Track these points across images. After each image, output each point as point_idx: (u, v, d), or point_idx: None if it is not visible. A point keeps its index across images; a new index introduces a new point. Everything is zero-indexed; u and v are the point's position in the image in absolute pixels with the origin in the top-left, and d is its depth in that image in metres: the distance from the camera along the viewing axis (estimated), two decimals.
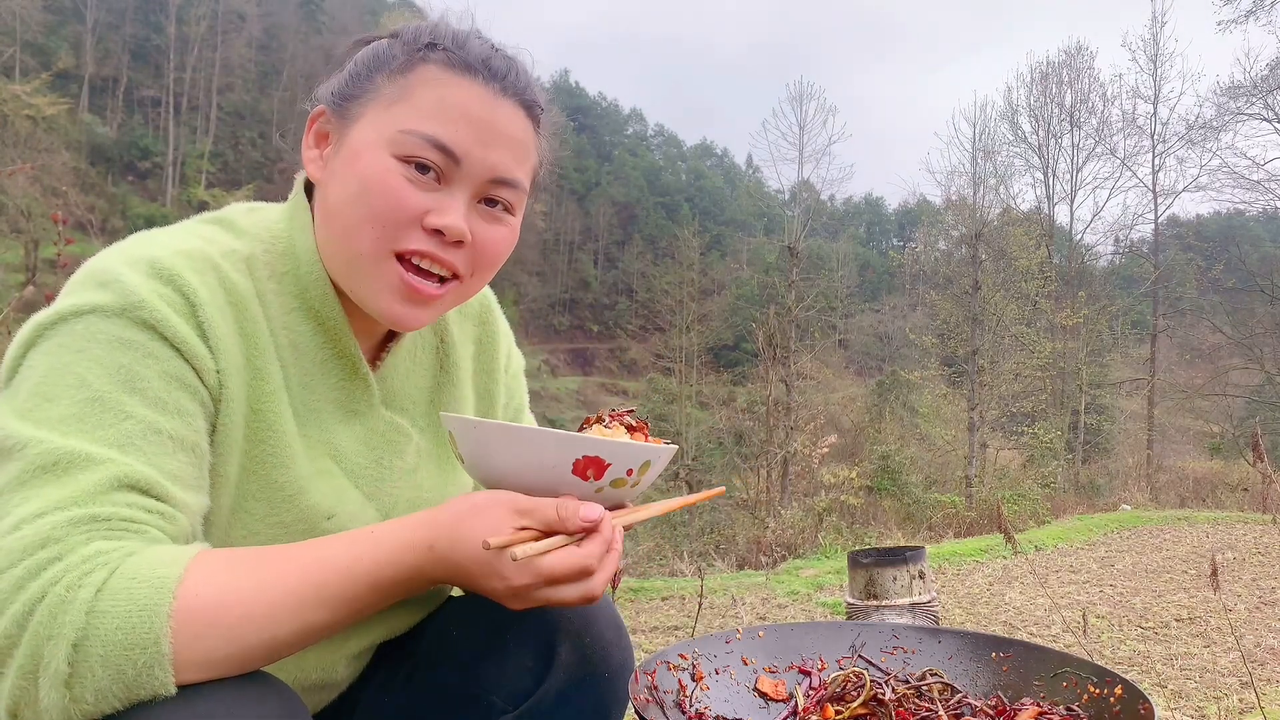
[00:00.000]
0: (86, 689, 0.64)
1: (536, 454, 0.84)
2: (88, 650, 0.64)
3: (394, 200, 0.88)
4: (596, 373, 46.28)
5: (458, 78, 0.91)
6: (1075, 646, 4.48)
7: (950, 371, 23.15)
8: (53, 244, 3.36)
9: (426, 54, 0.91)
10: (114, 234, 9.96)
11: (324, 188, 0.93)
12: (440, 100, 0.89)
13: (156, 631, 0.65)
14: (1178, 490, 17.39)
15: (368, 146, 0.89)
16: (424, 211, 0.89)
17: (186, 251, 0.85)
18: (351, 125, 0.92)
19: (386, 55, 0.93)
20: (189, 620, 0.66)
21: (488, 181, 0.92)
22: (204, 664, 0.68)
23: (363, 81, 0.93)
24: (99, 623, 0.64)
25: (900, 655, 1.09)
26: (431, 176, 0.89)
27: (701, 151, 76.22)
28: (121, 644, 0.64)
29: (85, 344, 0.76)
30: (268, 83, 49.61)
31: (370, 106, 0.91)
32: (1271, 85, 21.04)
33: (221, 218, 0.97)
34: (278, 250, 0.94)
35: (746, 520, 12.63)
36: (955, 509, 14.36)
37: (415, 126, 0.88)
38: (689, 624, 5.46)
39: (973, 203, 23.66)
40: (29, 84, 25.34)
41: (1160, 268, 24.99)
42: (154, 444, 0.76)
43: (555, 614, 1.05)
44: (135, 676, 0.65)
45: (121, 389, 0.76)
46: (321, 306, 0.94)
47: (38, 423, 0.73)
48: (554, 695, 1.01)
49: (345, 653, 1.03)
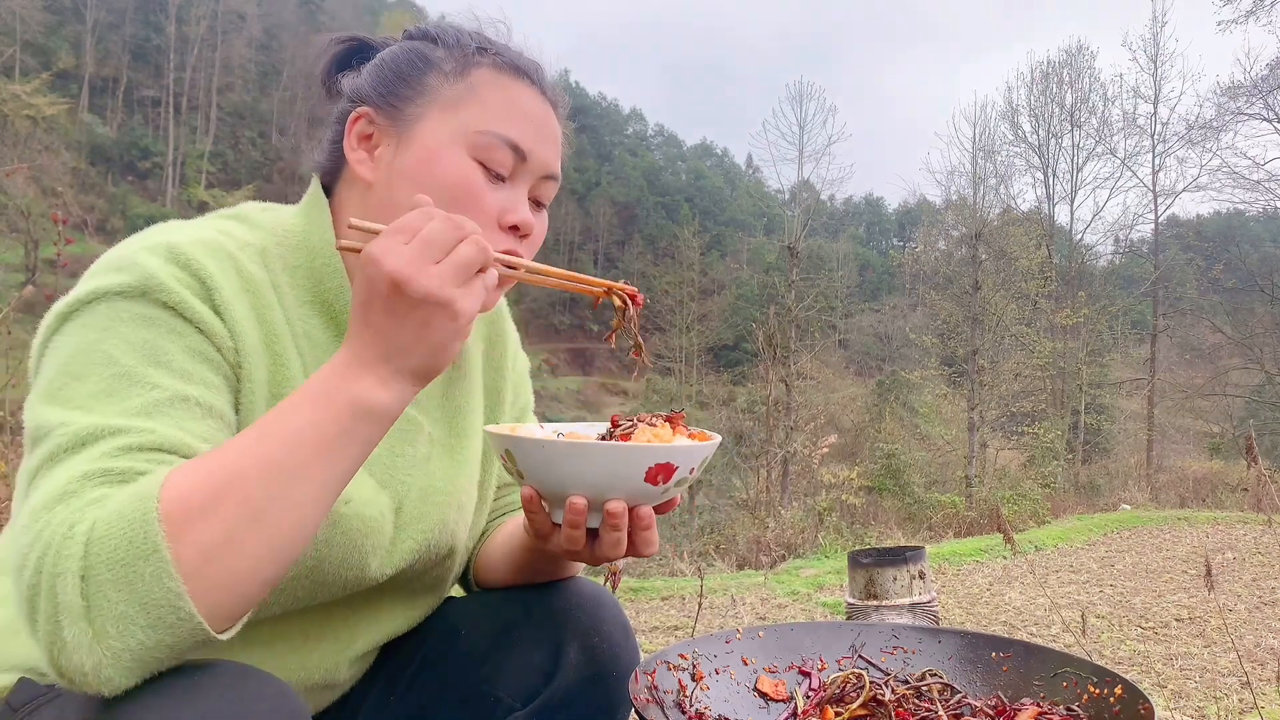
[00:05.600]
0: (106, 619, 0.63)
1: (610, 467, 0.85)
2: (96, 579, 0.63)
3: (478, 202, 0.93)
4: (596, 373, 46.28)
5: (514, 80, 0.97)
6: (1075, 646, 4.48)
7: (950, 371, 23.16)
8: (52, 244, 3.37)
9: (478, 57, 0.96)
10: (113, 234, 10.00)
11: (384, 188, 0.95)
12: (506, 102, 0.95)
13: (152, 536, 0.64)
14: (1178, 490, 17.38)
15: (444, 147, 0.93)
16: (501, 210, 0.95)
17: (203, 240, 0.86)
18: (413, 125, 0.94)
19: (433, 58, 0.97)
20: (173, 515, 0.65)
21: (541, 178, 0.99)
22: (206, 555, 0.66)
23: (413, 83, 0.96)
24: (98, 549, 0.64)
25: (900, 655, 1.09)
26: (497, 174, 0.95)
27: (701, 151, 76.27)
28: (122, 562, 0.64)
29: (110, 323, 0.77)
30: (268, 83, 49.63)
31: (431, 108, 0.94)
32: (1271, 85, 21.04)
33: (237, 213, 0.98)
34: (291, 244, 0.95)
35: (746, 520, 12.62)
36: (955, 509, 14.36)
37: (491, 127, 0.94)
38: (689, 624, 5.46)
39: (973, 203, 23.68)
40: (29, 84, 25.34)
41: (1160, 268, 25.00)
42: (182, 410, 0.76)
43: (564, 615, 1.06)
44: (148, 592, 0.64)
45: (147, 363, 0.76)
46: (335, 299, 0.95)
47: (66, 403, 0.74)
48: (563, 694, 1.02)
49: (350, 654, 1.03)
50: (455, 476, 1.07)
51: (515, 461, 0.89)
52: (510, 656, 1.04)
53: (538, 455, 0.87)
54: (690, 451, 0.88)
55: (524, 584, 1.13)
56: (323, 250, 0.95)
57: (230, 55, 48.38)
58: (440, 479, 1.05)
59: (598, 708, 1.03)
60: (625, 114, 75.21)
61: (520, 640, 1.05)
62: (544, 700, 1.02)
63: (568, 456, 0.85)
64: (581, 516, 0.88)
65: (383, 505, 0.97)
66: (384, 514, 0.98)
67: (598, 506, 0.87)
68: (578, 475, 0.86)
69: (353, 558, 0.95)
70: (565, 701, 1.02)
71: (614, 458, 0.85)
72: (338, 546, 0.92)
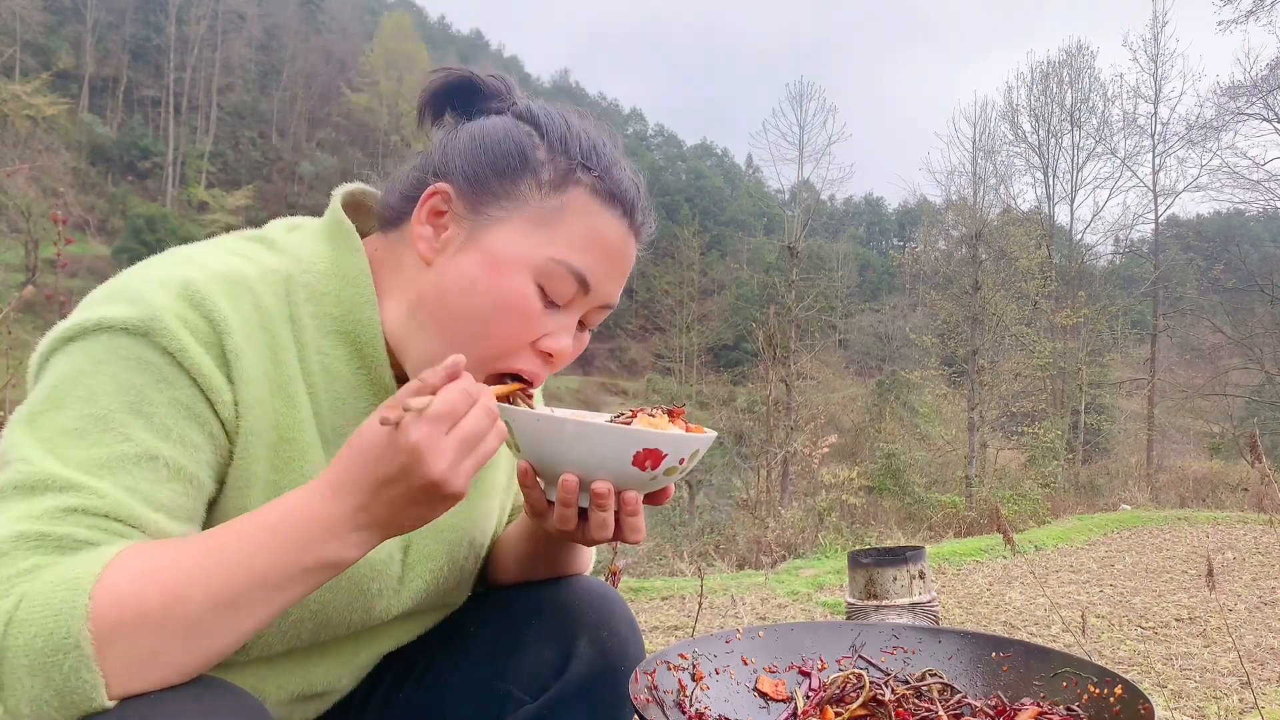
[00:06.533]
0: (20, 700, 0.64)
1: (599, 448, 0.87)
2: (13, 661, 0.63)
3: (526, 325, 0.90)
4: (596, 372, 46.29)
5: (605, 209, 0.92)
6: (1075, 646, 4.48)
7: (950, 371, 23.16)
8: (52, 244, 3.37)
9: (579, 175, 0.91)
10: (113, 234, 10.05)
11: (435, 273, 0.91)
12: (590, 233, 0.91)
13: (76, 634, 0.64)
14: (1178, 490, 17.39)
15: (513, 262, 0.89)
16: (543, 336, 0.91)
17: (222, 274, 0.84)
18: (490, 227, 0.90)
19: (533, 161, 0.91)
20: (105, 616, 0.65)
21: (598, 308, 0.96)
22: (131, 661, 0.66)
23: (505, 183, 0.91)
24: (18, 631, 0.63)
25: (900, 655, 1.09)
26: (554, 302, 0.91)
27: (701, 151, 76.25)
28: (42, 650, 0.63)
29: (105, 356, 0.76)
30: (268, 83, 49.62)
31: (515, 214, 0.90)
32: (1271, 85, 21.04)
33: (262, 235, 0.95)
34: (318, 271, 0.91)
35: (746, 520, 12.62)
36: (955, 509, 14.37)
37: (566, 258, 0.89)
38: (689, 624, 5.46)
39: (973, 203, 23.68)
40: (29, 84, 25.36)
41: (1160, 268, 24.99)
42: (145, 470, 0.75)
43: (574, 610, 1.06)
44: (64, 682, 0.64)
45: (127, 410, 0.75)
46: (362, 333, 0.91)
47: (37, 431, 0.73)
48: (573, 688, 1.02)
49: (354, 665, 1.03)
50: (469, 512, 1.06)
51: (515, 435, 0.91)
52: (521, 651, 1.05)
53: (533, 429, 0.89)
54: (679, 440, 0.89)
55: (532, 579, 1.14)
56: (355, 279, 0.92)
57: (230, 55, 48.37)
58: (453, 514, 1.03)
59: (607, 701, 1.03)
60: (625, 114, 75.19)
61: (531, 635, 1.05)
62: (554, 694, 1.02)
63: (560, 432, 0.88)
64: (573, 495, 0.89)
65: (390, 547, 0.97)
66: (392, 555, 0.97)
67: (587, 486, 0.89)
68: (568, 452, 0.88)
69: (358, 601, 0.94)
70: (575, 695, 1.02)
71: (603, 437, 0.87)
72: (342, 591, 0.92)
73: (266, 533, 0.73)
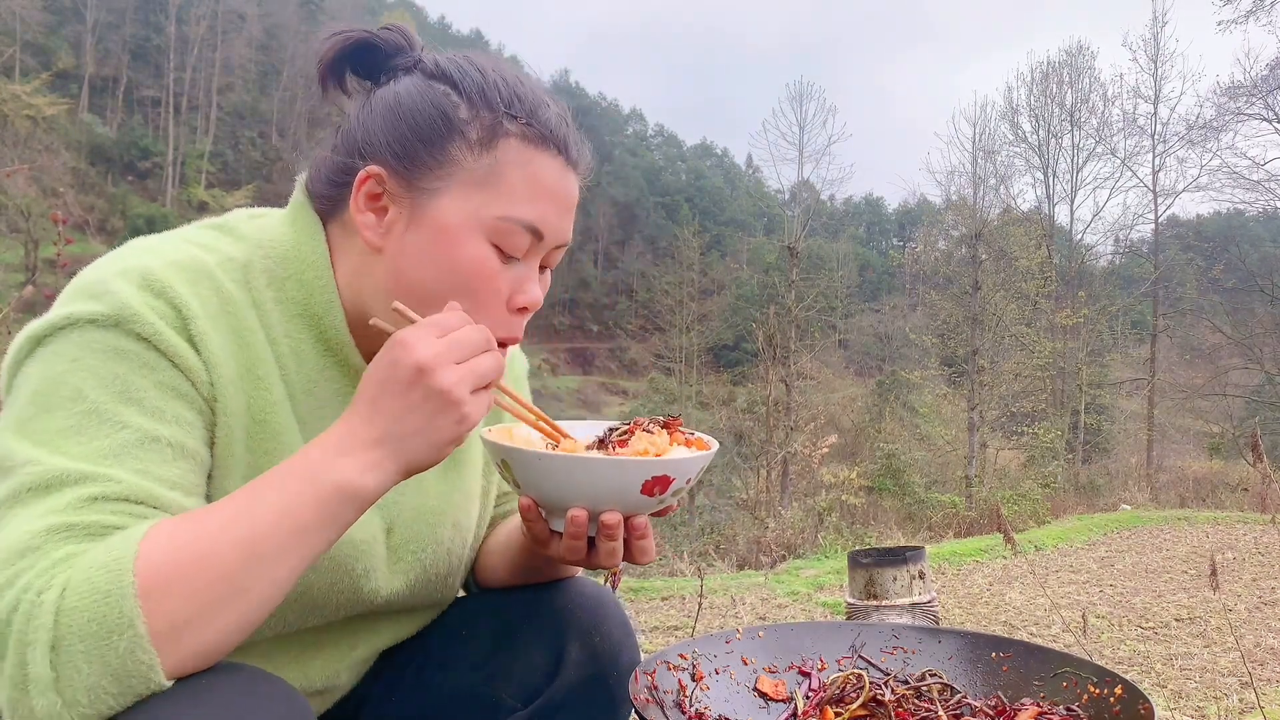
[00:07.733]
0: (77, 689, 0.64)
1: (607, 481, 0.85)
2: (69, 649, 0.63)
3: (490, 287, 0.89)
4: (596, 372, 46.26)
5: (540, 153, 0.90)
6: (1075, 646, 4.48)
7: (950, 371, 23.18)
8: (52, 244, 3.37)
9: (505, 124, 0.89)
10: (114, 234, 10.03)
11: (393, 260, 0.90)
12: (531, 181, 0.90)
13: (129, 613, 0.64)
14: (1178, 490, 17.40)
15: (462, 229, 0.88)
16: (512, 292, 0.91)
17: (179, 263, 0.84)
18: (431, 200, 0.88)
19: (457, 122, 0.89)
20: (149, 589, 0.65)
21: (553, 248, 0.95)
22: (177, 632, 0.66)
23: (434, 151, 0.88)
24: (69, 620, 0.63)
25: (900, 655, 1.09)
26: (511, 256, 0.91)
27: (701, 151, 76.21)
28: (97, 634, 0.64)
29: (80, 354, 0.76)
30: (268, 83, 49.61)
31: (452, 181, 0.88)
32: (1271, 85, 21.05)
33: (223, 223, 0.95)
34: (278, 255, 0.91)
35: (746, 520, 12.63)
36: (955, 509, 14.37)
37: (513, 213, 0.88)
38: (689, 624, 5.46)
39: (973, 203, 23.69)
40: (29, 84, 25.36)
41: (1160, 268, 25.00)
42: (151, 452, 0.75)
43: (565, 614, 1.06)
44: (120, 665, 0.64)
45: (118, 399, 0.75)
46: (325, 314, 0.92)
47: (34, 436, 0.73)
48: (564, 693, 1.01)
49: (350, 660, 1.03)
50: (450, 493, 1.06)
51: (512, 471, 0.89)
52: (512, 656, 1.04)
53: (535, 467, 0.87)
54: (687, 463, 0.88)
55: (524, 584, 1.13)
56: (314, 263, 0.91)
57: (230, 55, 48.35)
58: (435, 497, 1.03)
59: (599, 707, 1.03)
60: (625, 114, 75.18)
61: (522, 640, 1.05)
62: (545, 700, 1.02)
63: (565, 469, 0.86)
64: (583, 529, 0.88)
65: (373, 528, 0.96)
66: (375, 536, 0.97)
67: (595, 517, 0.88)
68: (575, 487, 0.86)
69: (342, 581, 0.94)
70: (567, 701, 1.02)
71: (611, 472, 0.85)
72: (324, 571, 0.92)
73: (284, 473, 0.75)
